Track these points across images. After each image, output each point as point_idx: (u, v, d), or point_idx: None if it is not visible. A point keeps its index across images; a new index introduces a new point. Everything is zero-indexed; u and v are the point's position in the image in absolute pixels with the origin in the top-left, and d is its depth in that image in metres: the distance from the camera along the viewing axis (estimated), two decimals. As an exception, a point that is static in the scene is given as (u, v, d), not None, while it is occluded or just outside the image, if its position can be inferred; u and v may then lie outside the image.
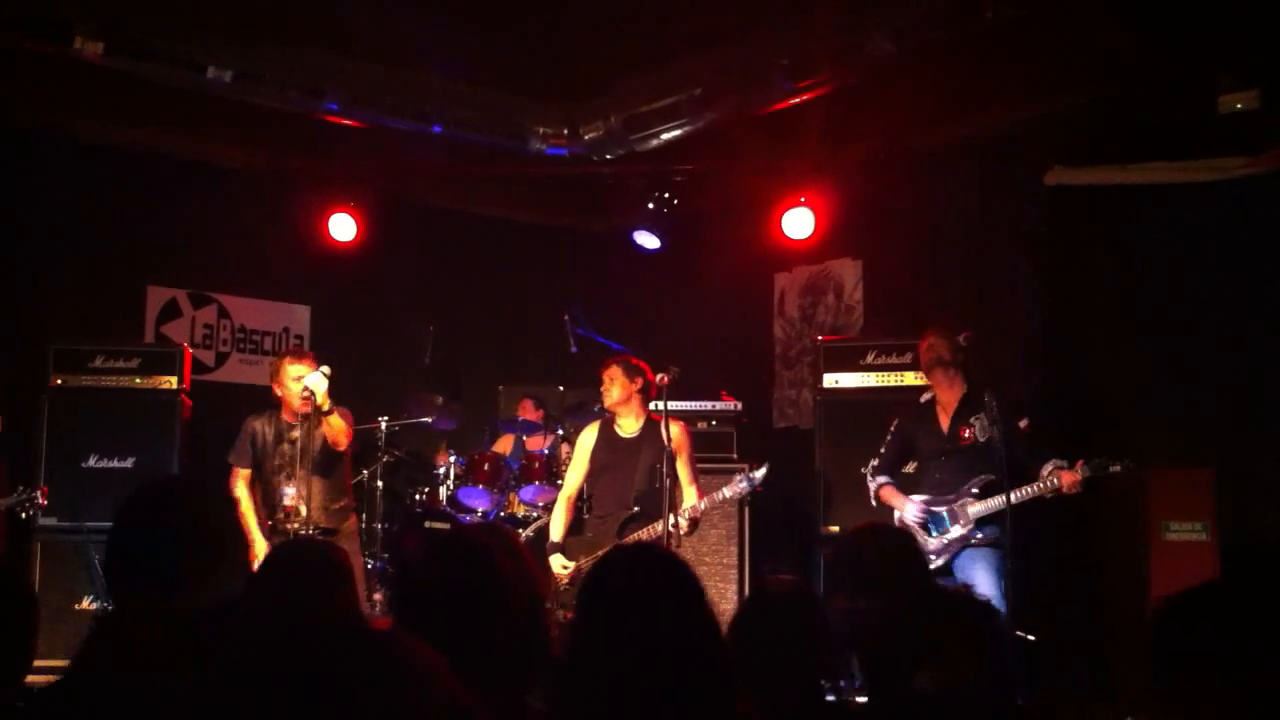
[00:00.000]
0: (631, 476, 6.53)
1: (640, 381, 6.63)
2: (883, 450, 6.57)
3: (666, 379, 6.37)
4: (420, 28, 7.31)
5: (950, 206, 8.18)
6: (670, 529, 6.14)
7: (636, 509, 6.48)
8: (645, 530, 6.34)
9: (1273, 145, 6.67)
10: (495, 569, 2.72)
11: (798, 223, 8.33)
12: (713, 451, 7.98)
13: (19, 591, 2.94)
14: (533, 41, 7.56)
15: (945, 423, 6.41)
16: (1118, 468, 6.06)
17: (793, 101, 7.34)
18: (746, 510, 7.82)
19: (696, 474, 6.63)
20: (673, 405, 6.70)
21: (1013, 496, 5.91)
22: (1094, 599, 7.08)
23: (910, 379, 7.39)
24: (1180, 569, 6.43)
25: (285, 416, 6.79)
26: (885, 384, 7.63)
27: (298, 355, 6.85)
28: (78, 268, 8.39)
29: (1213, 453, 6.83)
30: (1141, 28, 6.61)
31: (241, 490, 6.76)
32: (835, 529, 7.34)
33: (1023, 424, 6.30)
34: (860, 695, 3.03)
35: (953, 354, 6.41)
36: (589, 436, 6.78)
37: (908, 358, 7.43)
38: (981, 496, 6.16)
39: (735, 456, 8.08)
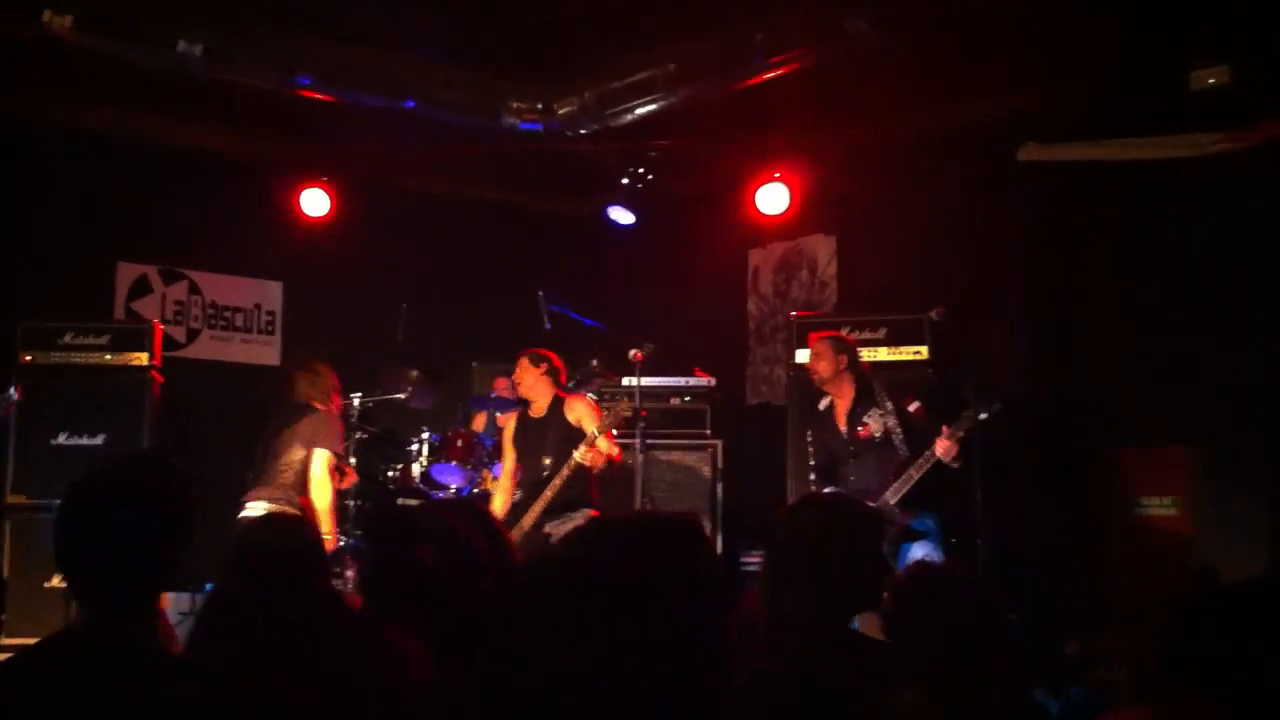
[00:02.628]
0: (542, 451, 6.83)
1: (544, 366, 6.96)
2: (812, 463, 6.69)
3: (640, 355, 6.43)
4: (393, 5, 7.26)
5: (925, 184, 8.18)
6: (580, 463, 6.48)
7: (547, 474, 6.71)
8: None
9: (1249, 122, 6.70)
10: (470, 547, 2.72)
11: (772, 198, 8.34)
12: (686, 428, 8.00)
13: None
14: (507, 18, 7.51)
15: (843, 425, 6.49)
16: (985, 415, 6.13)
17: (767, 78, 7.32)
18: (720, 485, 7.85)
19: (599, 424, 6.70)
20: (646, 381, 6.74)
21: (908, 475, 6.14)
22: (1065, 575, 7.13)
23: (884, 354, 7.42)
24: (1149, 543, 6.51)
25: None
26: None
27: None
28: (47, 245, 8.33)
29: (1187, 431, 6.89)
30: (1113, 5, 6.62)
31: None
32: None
33: (913, 407, 6.42)
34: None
35: (838, 363, 6.49)
36: (510, 426, 7.21)
37: (881, 333, 7.46)
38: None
39: (709, 432, 8.11)
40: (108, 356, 7.71)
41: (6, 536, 7.35)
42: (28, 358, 7.61)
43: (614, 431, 6.60)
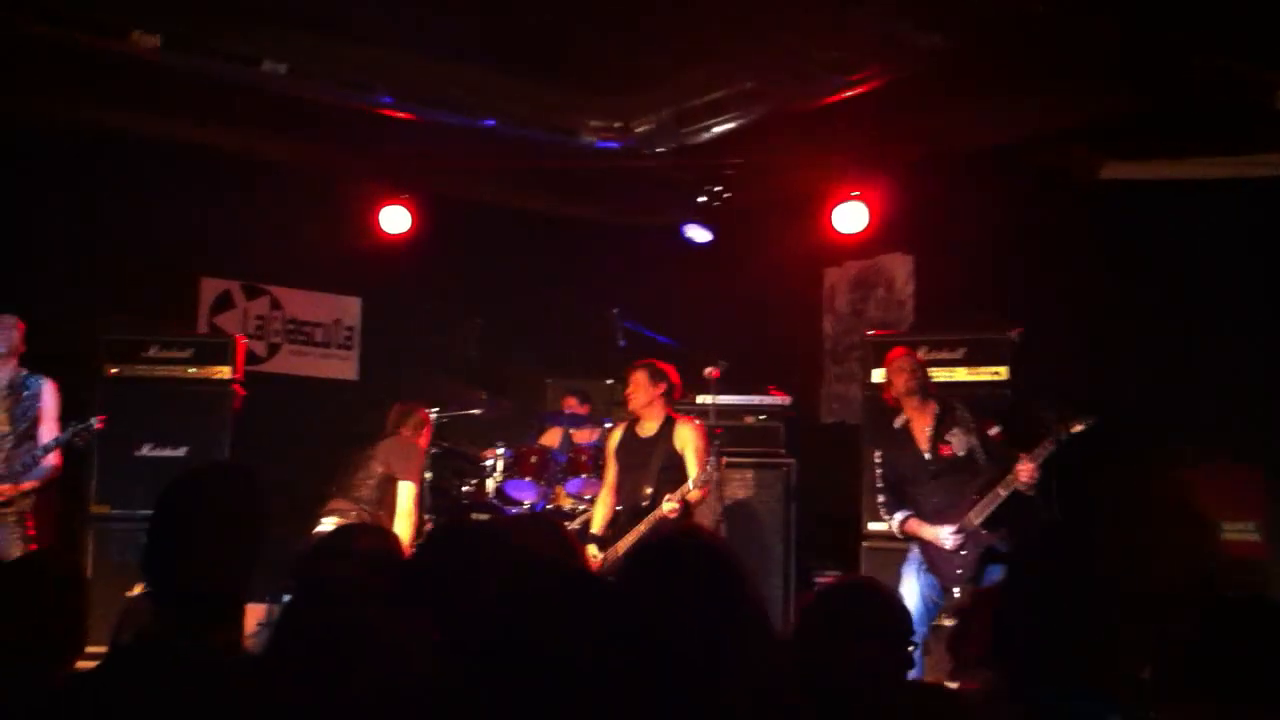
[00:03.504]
0: (647, 473, 6.74)
1: (664, 386, 6.84)
2: (880, 485, 6.56)
3: (716, 373, 6.42)
4: (473, 25, 7.32)
5: (1003, 201, 8.10)
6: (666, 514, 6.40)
7: (647, 503, 6.64)
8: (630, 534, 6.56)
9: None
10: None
11: (849, 217, 8.28)
12: (761, 446, 7.96)
13: (73, 579, 3.00)
14: (585, 37, 7.55)
15: (924, 444, 6.39)
16: (1080, 427, 5.99)
17: (843, 95, 7.29)
18: (793, 506, 7.80)
19: (701, 467, 6.65)
20: (721, 399, 6.71)
21: (994, 494, 6.04)
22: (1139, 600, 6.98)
23: (962, 374, 7.33)
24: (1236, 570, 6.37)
25: None
26: (937, 379, 7.56)
27: None
28: (133, 260, 8.48)
29: (1266, 453, 6.74)
30: (1195, 24, 6.51)
31: None
32: (881, 526, 7.29)
33: (993, 432, 6.30)
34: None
35: (917, 382, 6.42)
36: (615, 437, 7.10)
37: (960, 353, 7.37)
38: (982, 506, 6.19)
39: (783, 451, 8.06)
40: (191, 370, 7.84)
41: (91, 546, 7.48)
42: (113, 370, 7.76)
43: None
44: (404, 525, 6.82)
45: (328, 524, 6.55)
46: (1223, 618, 2.04)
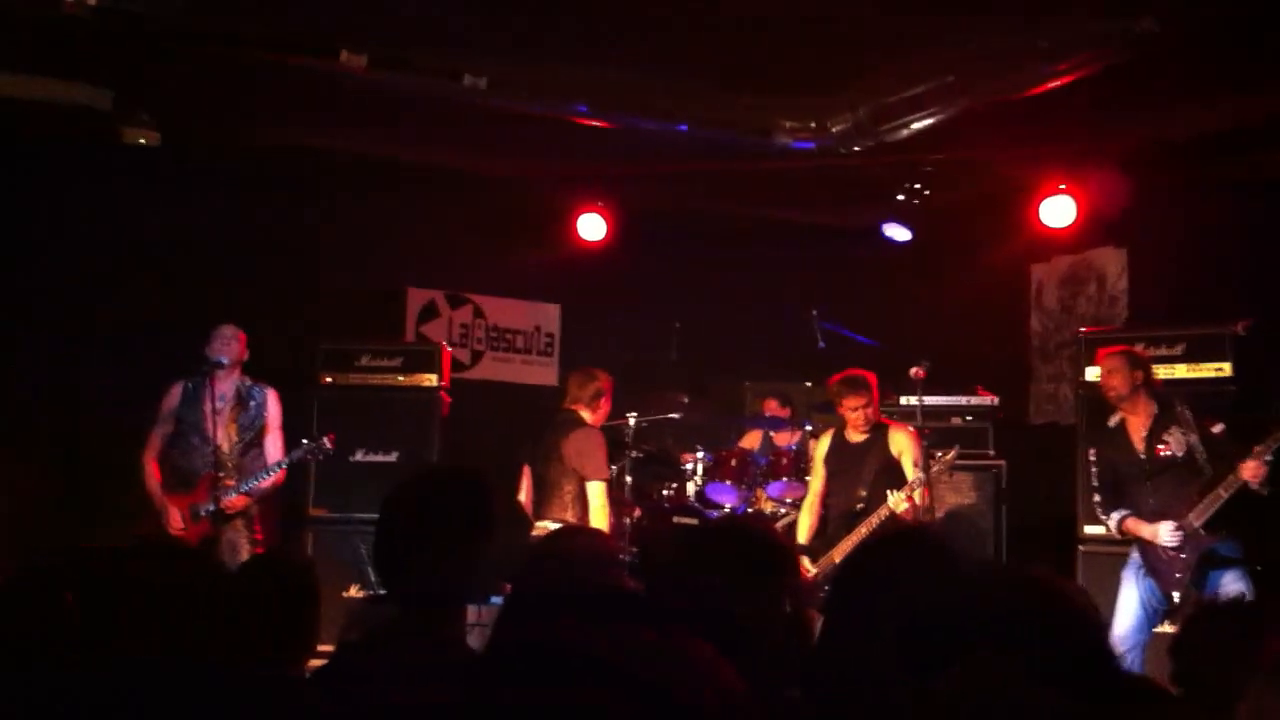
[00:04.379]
0: (859, 479, 6.70)
1: (872, 397, 6.79)
2: (1096, 484, 6.36)
3: (921, 372, 6.33)
4: (663, 32, 7.34)
5: (1222, 192, 7.73)
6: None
7: (861, 506, 6.61)
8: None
9: None
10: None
11: (1057, 211, 8.03)
12: (969, 447, 7.76)
13: (306, 581, 3.10)
14: (776, 37, 7.49)
15: (1140, 444, 6.13)
16: None
17: (1050, 86, 7.05)
18: (1004, 509, 7.58)
19: (918, 470, 6.56)
20: (927, 400, 6.59)
21: (1215, 495, 5.78)
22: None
23: (1182, 371, 7.01)
24: None
25: None
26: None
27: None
28: (344, 272, 8.80)
29: None
30: None
31: None
32: (1098, 530, 7.02)
33: (1217, 429, 5.99)
34: None
35: (1134, 379, 6.16)
36: (823, 444, 7.07)
37: (1179, 349, 7.05)
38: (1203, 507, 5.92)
39: (992, 452, 7.86)
40: (400, 378, 8.07)
41: (309, 548, 7.76)
42: (327, 379, 8.05)
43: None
44: (599, 520, 6.85)
45: (547, 526, 6.67)
46: None
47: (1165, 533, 5.96)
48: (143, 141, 7.22)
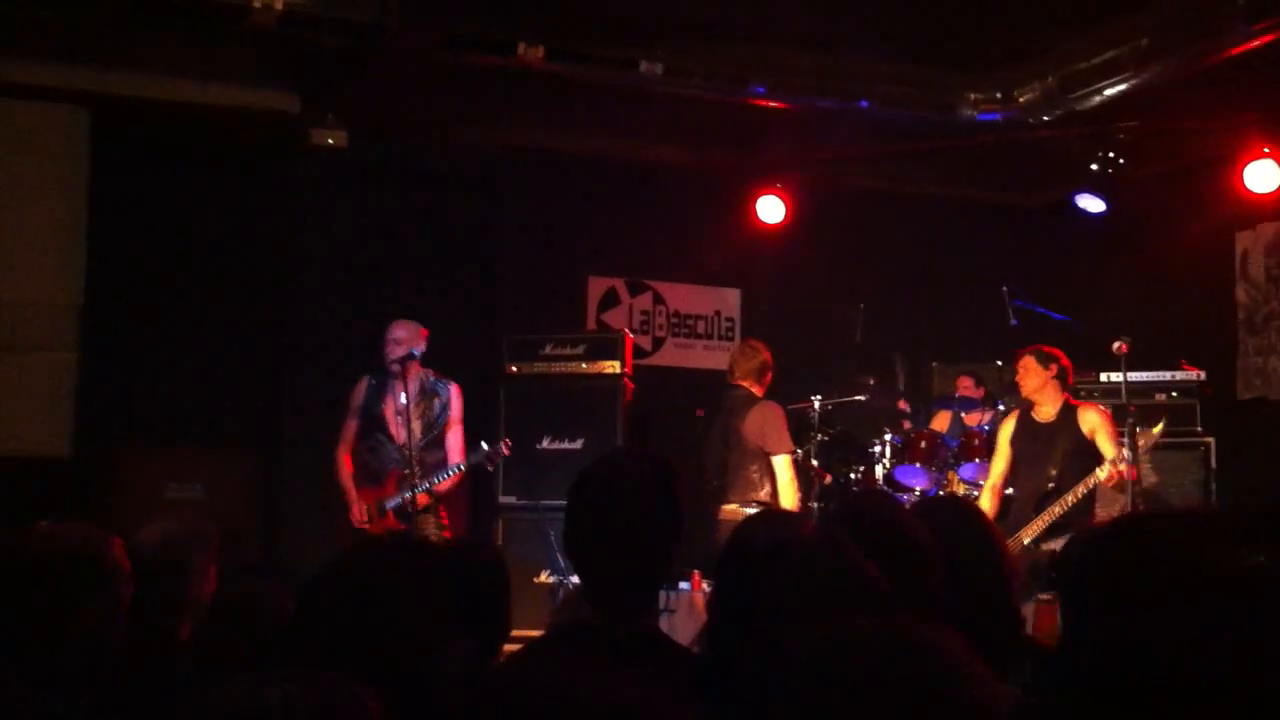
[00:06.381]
0: (1048, 462, 6.50)
1: (1054, 368, 6.57)
2: None
3: (1125, 347, 6.10)
4: (837, 7, 7.21)
5: None
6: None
7: (1053, 486, 6.40)
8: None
9: None
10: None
11: (1263, 176, 7.62)
12: (1174, 425, 7.45)
13: (499, 568, 3.13)
14: (954, 6, 7.29)
15: None
16: None
17: (1251, 45, 6.68)
18: (1214, 488, 7.25)
19: (1119, 445, 6.32)
20: (1131, 376, 6.36)
21: None
22: None
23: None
24: None
25: None
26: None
27: None
28: (526, 263, 8.93)
29: None
30: None
31: None
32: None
33: None
34: None
35: None
36: (1008, 426, 6.86)
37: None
38: None
39: (1199, 429, 7.53)
40: (583, 365, 8.13)
41: (500, 535, 7.89)
42: (513, 369, 8.16)
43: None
44: (787, 496, 6.80)
45: (735, 510, 6.65)
46: None
47: None
48: (330, 142, 7.41)
